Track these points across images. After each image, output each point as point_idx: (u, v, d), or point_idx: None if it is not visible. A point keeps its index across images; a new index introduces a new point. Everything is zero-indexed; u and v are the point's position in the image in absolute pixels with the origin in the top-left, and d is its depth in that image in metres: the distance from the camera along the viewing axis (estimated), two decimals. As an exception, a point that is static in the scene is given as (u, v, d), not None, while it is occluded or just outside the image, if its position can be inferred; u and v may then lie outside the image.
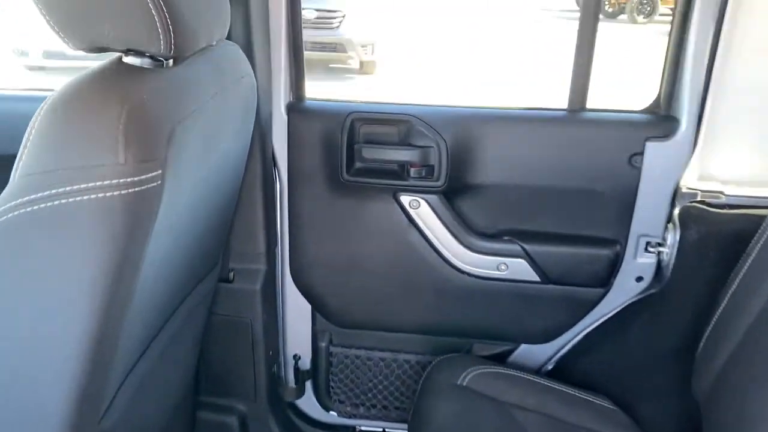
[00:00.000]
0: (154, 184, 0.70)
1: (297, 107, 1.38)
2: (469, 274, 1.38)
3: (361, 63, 7.19)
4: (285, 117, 1.36)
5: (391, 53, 7.53)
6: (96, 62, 0.76)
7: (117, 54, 0.79)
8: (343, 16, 6.74)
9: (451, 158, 1.32)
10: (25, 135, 0.68)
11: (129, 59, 0.78)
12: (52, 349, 0.73)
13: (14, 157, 0.69)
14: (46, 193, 0.66)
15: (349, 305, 1.48)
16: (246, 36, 1.24)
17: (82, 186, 0.66)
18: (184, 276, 1.05)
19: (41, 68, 5.90)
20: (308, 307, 1.51)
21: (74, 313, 0.71)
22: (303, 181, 1.39)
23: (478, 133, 1.32)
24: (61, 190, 0.66)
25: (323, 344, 1.53)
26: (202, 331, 1.29)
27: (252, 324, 1.42)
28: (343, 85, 6.89)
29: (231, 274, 1.39)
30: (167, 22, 0.72)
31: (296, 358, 1.55)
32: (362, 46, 6.90)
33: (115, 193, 0.66)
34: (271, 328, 1.48)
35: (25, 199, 0.67)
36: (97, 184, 0.66)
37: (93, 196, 0.66)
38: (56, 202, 0.66)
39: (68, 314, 0.71)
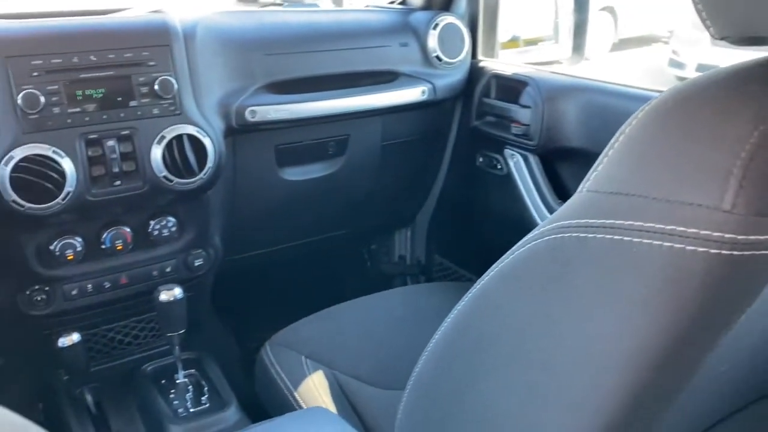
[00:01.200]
0: (766, 252, 0.44)
1: None
2: None
3: None
4: None
5: None
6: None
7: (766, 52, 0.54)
8: None
9: None
10: (613, 138, 0.52)
11: None
12: (569, 398, 0.56)
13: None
14: (607, 221, 0.49)
15: None
16: None
17: (656, 226, 0.46)
18: (748, 382, 0.73)
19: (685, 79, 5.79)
20: None
21: (604, 379, 0.52)
22: None
23: None
24: (626, 223, 0.48)
25: None
26: None
27: None
28: None
29: None
30: None
31: None
32: None
33: (701, 249, 0.44)
34: None
35: (581, 221, 0.51)
36: (678, 229, 0.44)
37: (666, 244, 0.45)
38: (616, 237, 0.48)
39: (598, 377, 0.53)
